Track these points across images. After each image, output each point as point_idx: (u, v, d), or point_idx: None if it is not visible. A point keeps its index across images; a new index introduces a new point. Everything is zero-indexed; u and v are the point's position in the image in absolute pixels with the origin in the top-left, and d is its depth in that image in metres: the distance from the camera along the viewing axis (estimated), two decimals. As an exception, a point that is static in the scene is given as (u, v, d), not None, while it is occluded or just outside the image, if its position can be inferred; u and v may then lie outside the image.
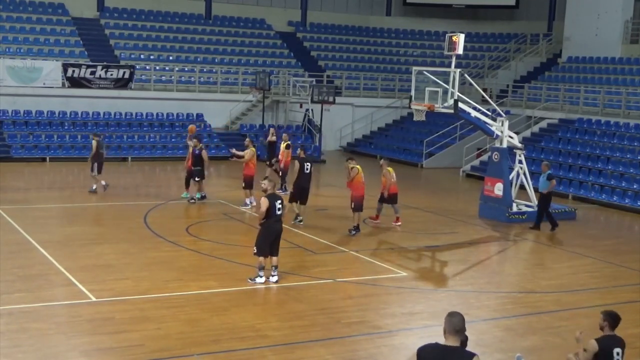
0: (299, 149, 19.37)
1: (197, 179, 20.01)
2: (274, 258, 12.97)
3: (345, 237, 16.86)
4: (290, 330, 10.79)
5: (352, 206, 17.31)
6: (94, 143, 20.62)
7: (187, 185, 20.41)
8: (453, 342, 5.73)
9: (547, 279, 14.59)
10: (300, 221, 17.95)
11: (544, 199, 18.91)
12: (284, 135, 22.09)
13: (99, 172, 20.67)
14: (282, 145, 21.47)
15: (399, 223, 18.49)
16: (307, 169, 18.23)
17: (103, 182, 20.83)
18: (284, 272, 13.45)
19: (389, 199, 18.44)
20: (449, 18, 42.06)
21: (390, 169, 18.44)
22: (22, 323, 10.52)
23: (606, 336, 7.56)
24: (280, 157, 21.56)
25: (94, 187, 20.70)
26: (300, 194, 17.99)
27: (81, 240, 15.65)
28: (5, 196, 19.47)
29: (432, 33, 41.97)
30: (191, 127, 22.20)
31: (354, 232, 17.15)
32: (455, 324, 5.79)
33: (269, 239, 12.77)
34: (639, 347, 9.26)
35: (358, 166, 17.58)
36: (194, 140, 20.26)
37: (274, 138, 23.88)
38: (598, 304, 13.04)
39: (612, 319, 7.64)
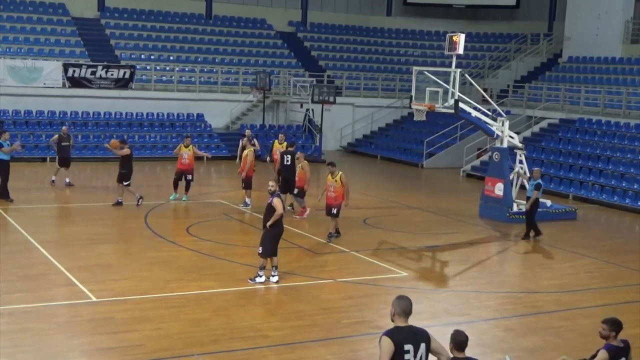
0: (286, 142, 20.41)
1: (124, 183, 19.29)
2: (274, 258, 12.98)
3: (345, 237, 16.84)
4: (290, 330, 10.79)
5: (335, 212, 16.66)
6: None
7: (176, 186, 20.32)
8: (404, 322, 6.38)
9: (548, 279, 14.59)
10: (291, 206, 19.12)
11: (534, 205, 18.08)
12: (280, 135, 21.84)
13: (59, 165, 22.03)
14: (277, 145, 20.87)
15: (305, 214, 18.73)
16: (286, 161, 19.02)
17: (53, 178, 21.99)
18: (285, 272, 13.45)
19: (300, 192, 18.61)
20: (449, 18, 42.05)
21: (305, 161, 18.65)
22: (22, 323, 10.53)
23: (616, 347, 7.52)
24: (274, 157, 21.01)
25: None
26: (283, 186, 18.49)
27: (81, 240, 15.66)
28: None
29: (433, 33, 41.97)
30: (112, 142, 20.92)
31: (337, 235, 16.77)
32: (406, 307, 6.40)
33: (278, 240, 12.89)
34: (639, 347, 9.25)
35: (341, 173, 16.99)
36: (118, 142, 20.09)
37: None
38: (598, 304, 13.06)
39: (616, 325, 7.60)
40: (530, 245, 18.09)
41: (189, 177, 20.19)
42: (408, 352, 6.16)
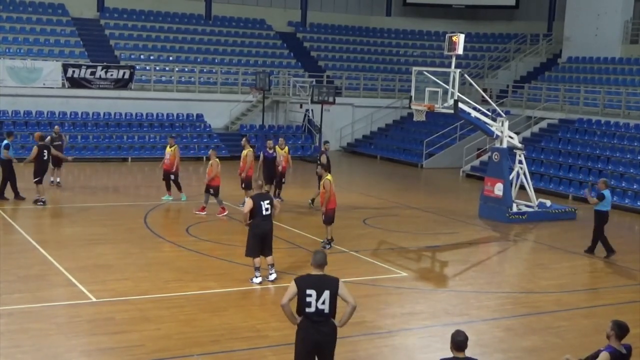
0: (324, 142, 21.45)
1: (35, 180, 18.99)
2: (268, 257, 12.97)
3: (345, 237, 16.82)
4: (290, 330, 10.68)
5: (324, 219, 15.85)
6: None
7: (168, 187, 20.26)
8: (318, 272, 7.72)
9: (547, 279, 14.59)
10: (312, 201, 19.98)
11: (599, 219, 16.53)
12: (280, 139, 21.35)
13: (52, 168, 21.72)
14: (279, 150, 20.55)
15: (225, 213, 18.68)
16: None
17: (51, 178, 21.87)
18: (284, 272, 13.44)
19: (214, 190, 18.47)
20: (449, 18, 42.06)
21: (217, 159, 18.67)
22: (22, 323, 10.53)
23: (618, 352, 7.51)
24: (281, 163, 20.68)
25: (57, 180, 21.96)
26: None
27: (81, 240, 15.65)
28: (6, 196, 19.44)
29: (432, 33, 41.98)
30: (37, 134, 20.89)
31: (328, 247, 15.83)
32: (318, 259, 7.74)
33: (256, 239, 12.78)
34: (639, 347, 9.26)
35: (329, 176, 16.35)
36: (42, 137, 19.85)
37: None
38: (598, 304, 13.07)
39: (620, 329, 7.57)
40: (529, 246, 18.11)
41: (172, 177, 20.07)
42: (310, 295, 7.52)
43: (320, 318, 7.58)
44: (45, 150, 19.36)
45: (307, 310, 7.58)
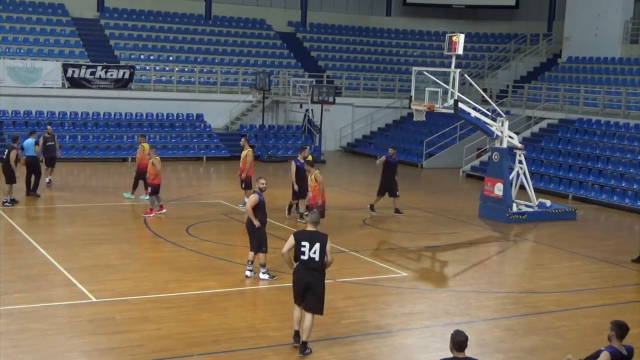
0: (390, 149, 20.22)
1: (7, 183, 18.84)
2: (259, 255, 13.20)
3: (345, 237, 16.82)
4: (290, 330, 10.75)
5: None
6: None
7: (135, 187, 20.14)
8: (312, 228, 9.74)
9: (547, 279, 14.59)
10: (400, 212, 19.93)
11: None
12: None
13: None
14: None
15: (153, 214, 18.15)
16: (382, 165, 20.02)
17: (49, 179, 21.63)
18: (285, 272, 13.42)
19: (153, 188, 18.16)
20: (449, 18, 42.06)
21: (158, 157, 18.39)
22: (22, 323, 10.53)
23: (619, 352, 7.50)
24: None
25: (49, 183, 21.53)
26: (382, 189, 19.87)
27: (81, 240, 15.65)
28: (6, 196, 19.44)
29: (432, 33, 41.98)
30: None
31: None
32: (313, 218, 9.84)
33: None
34: (639, 347, 9.26)
35: (317, 171, 16.53)
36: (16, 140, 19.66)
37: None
38: (598, 304, 13.07)
39: (619, 328, 7.58)
40: (530, 246, 18.11)
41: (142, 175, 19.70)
42: (304, 246, 9.59)
43: (311, 264, 9.61)
44: None
45: (302, 257, 9.63)
